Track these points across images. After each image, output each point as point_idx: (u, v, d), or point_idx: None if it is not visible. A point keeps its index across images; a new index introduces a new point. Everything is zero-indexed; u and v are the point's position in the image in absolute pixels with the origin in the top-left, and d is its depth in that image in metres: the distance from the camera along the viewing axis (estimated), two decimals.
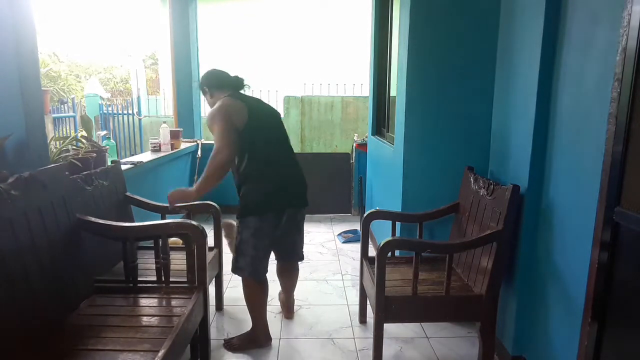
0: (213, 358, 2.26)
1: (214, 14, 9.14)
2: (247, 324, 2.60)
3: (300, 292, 3.01)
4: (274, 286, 3.08)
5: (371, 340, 2.14)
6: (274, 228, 2.21)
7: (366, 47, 4.62)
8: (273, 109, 2.32)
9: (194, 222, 1.99)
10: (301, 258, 2.52)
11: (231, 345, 2.35)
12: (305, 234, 4.56)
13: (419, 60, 2.55)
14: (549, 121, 1.95)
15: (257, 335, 2.37)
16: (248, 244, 2.18)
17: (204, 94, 2.31)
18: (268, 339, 2.40)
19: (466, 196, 2.49)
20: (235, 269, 2.25)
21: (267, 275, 2.33)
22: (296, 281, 2.63)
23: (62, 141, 2.43)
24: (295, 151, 2.35)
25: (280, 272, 2.58)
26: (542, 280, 1.99)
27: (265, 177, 2.15)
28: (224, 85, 2.22)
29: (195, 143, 4.68)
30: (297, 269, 2.58)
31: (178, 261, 2.31)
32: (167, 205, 2.26)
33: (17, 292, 1.47)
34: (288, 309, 2.70)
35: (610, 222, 1.49)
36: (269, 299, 2.80)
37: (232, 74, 2.27)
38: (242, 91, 2.27)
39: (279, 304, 2.83)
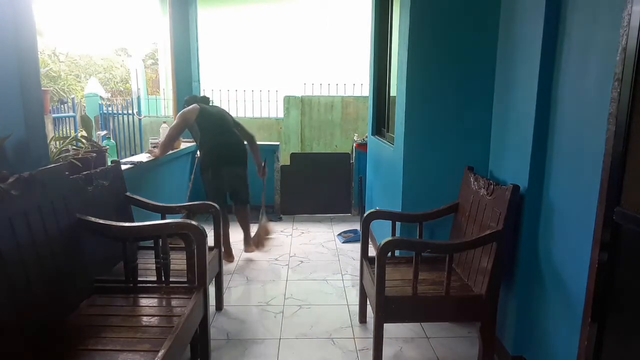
0: (213, 358, 2.26)
1: (214, 16, 9.15)
2: (247, 324, 2.62)
3: (300, 291, 3.03)
4: (273, 286, 3.10)
5: (371, 340, 2.14)
6: (216, 178, 3.38)
7: (366, 47, 4.62)
8: (222, 109, 3.69)
9: (194, 222, 1.99)
10: (246, 202, 3.61)
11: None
12: (305, 234, 4.61)
13: (419, 60, 2.55)
14: (549, 121, 1.95)
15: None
16: (207, 187, 3.47)
17: (186, 105, 3.60)
18: (229, 256, 3.57)
19: (466, 196, 2.49)
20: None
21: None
22: (246, 222, 3.69)
23: (62, 141, 2.43)
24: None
25: (234, 211, 3.66)
26: (542, 280, 1.99)
27: (207, 147, 3.40)
28: (195, 101, 3.55)
29: (195, 143, 4.67)
30: (246, 212, 3.65)
31: (178, 261, 2.31)
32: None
33: (17, 292, 1.47)
34: (245, 241, 3.77)
35: (610, 222, 1.49)
36: (269, 299, 2.94)
37: (201, 95, 3.73)
38: (210, 103, 3.66)
39: (278, 304, 2.84)
